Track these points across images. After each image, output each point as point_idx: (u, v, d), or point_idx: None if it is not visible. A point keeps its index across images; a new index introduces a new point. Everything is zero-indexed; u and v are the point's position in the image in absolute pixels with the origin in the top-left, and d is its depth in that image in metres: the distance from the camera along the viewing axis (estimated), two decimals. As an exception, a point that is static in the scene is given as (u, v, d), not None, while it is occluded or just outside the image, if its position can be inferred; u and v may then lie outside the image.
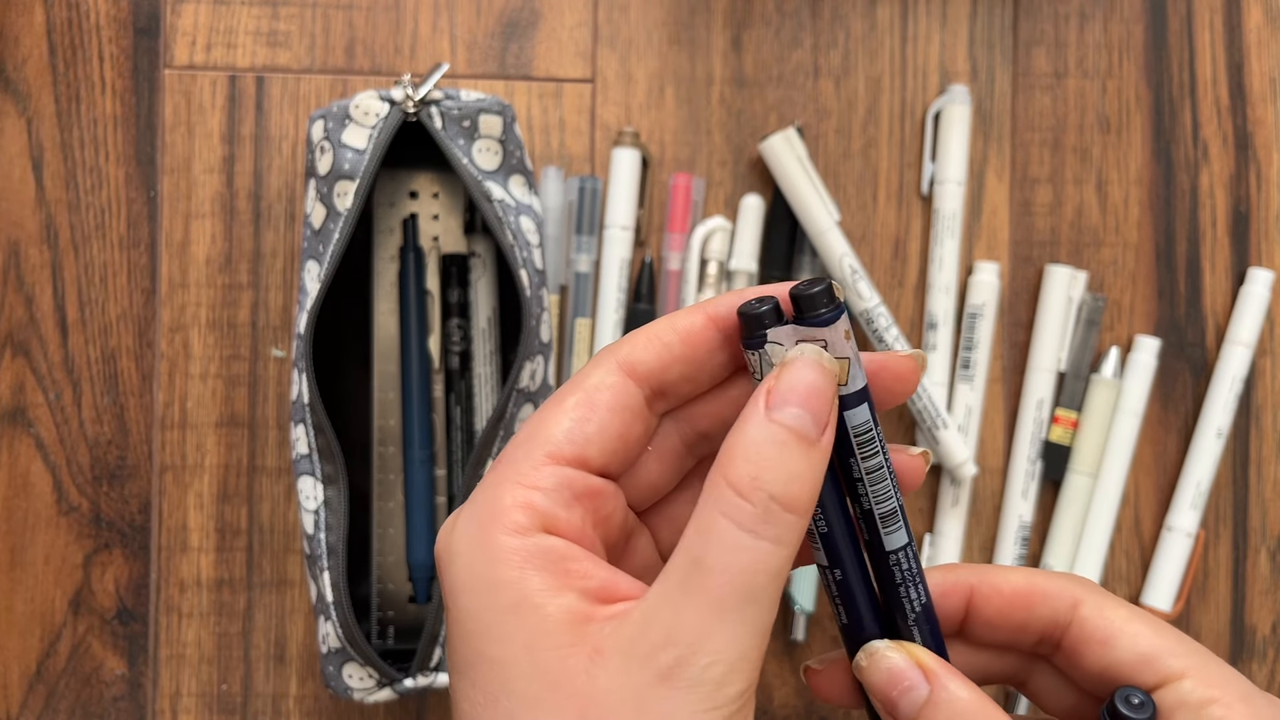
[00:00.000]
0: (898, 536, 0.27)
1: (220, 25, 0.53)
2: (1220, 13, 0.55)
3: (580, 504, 0.25)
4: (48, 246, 0.53)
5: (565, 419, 0.25)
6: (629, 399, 0.25)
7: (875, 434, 0.26)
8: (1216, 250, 0.55)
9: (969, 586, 0.29)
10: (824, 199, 0.52)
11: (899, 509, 0.27)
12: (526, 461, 0.25)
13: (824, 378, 0.24)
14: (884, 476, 0.26)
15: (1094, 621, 0.28)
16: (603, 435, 0.25)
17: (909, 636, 0.28)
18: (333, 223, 0.46)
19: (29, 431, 0.52)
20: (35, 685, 0.52)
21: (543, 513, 0.24)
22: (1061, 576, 0.29)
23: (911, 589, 0.28)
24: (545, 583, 0.23)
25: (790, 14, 0.54)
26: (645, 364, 0.26)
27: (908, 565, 0.27)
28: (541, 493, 0.24)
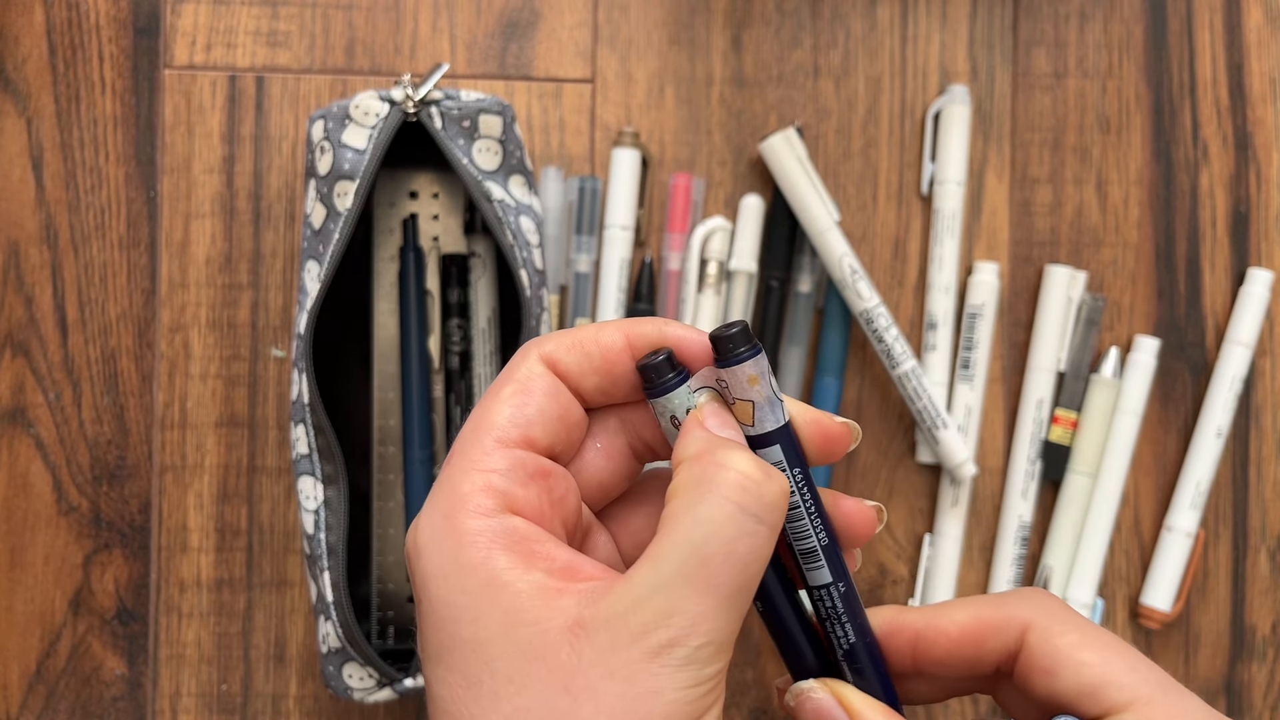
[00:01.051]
0: (820, 574, 0.28)
1: (220, 25, 0.53)
2: (1220, 13, 0.55)
3: (535, 483, 0.25)
4: (47, 246, 0.53)
5: (505, 406, 0.26)
6: (556, 388, 0.26)
7: (787, 474, 0.27)
8: (1216, 250, 0.55)
9: (914, 631, 0.29)
10: (824, 199, 0.52)
11: (820, 548, 0.27)
12: (477, 449, 0.25)
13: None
14: (801, 515, 0.27)
15: (1039, 649, 0.27)
16: (543, 417, 0.26)
17: (840, 673, 0.28)
18: (333, 223, 0.46)
19: (29, 431, 0.52)
20: (35, 685, 0.52)
21: (502, 492, 0.25)
22: (1014, 598, 0.28)
23: (837, 626, 0.28)
24: (513, 561, 0.24)
25: (790, 14, 0.54)
26: (565, 365, 0.27)
27: (830, 604, 0.28)
28: (498, 474, 0.25)
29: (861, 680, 0.28)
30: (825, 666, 0.29)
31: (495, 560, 0.24)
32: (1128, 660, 0.27)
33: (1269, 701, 0.55)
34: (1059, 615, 0.28)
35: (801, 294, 0.53)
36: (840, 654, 0.28)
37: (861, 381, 0.54)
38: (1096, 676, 0.27)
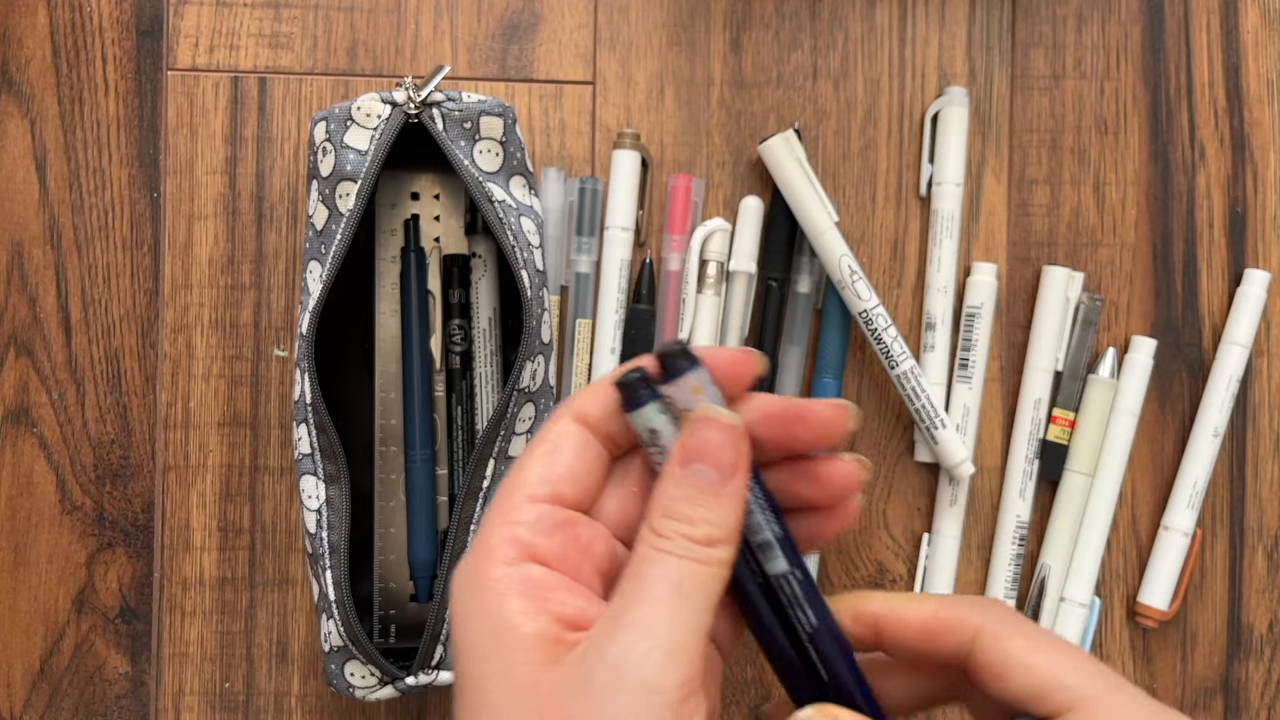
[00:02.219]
0: (777, 564, 0.29)
1: (223, 27, 0.53)
2: (1217, 14, 0.55)
3: (559, 532, 0.28)
4: (51, 247, 0.53)
5: (537, 465, 0.29)
6: (585, 441, 0.29)
7: None
8: (1213, 251, 0.55)
9: (874, 616, 0.30)
10: (823, 200, 0.52)
11: (775, 540, 0.29)
12: (508, 503, 0.28)
13: (722, 435, 0.28)
14: (754, 510, 0.29)
15: (989, 655, 0.28)
16: (571, 474, 0.29)
17: (807, 657, 0.29)
18: (335, 224, 0.46)
19: (32, 431, 0.53)
20: (39, 684, 0.53)
21: (526, 544, 0.27)
22: (967, 604, 0.29)
23: (799, 612, 0.29)
24: (524, 606, 0.26)
25: (789, 16, 0.55)
26: (593, 413, 0.29)
27: (791, 590, 0.29)
28: (524, 526, 0.28)
29: (829, 666, 0.29)
30: (800, 652, 0.30)
31: (508, 604, 0.26)
32: (1074, 662, 0.28)
33: (1266, 700, 0.55)
34: (1007, 621, 0.29)
35: (800, 294, 0.53)
36: (805, 637, 0.29)
37: (860, 381, 0.54)
38: (1043, 679, 0.28)
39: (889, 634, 0.30)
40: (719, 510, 0.27)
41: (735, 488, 0.28)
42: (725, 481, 0.28)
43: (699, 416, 0.28)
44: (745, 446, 0.28)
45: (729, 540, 0.27)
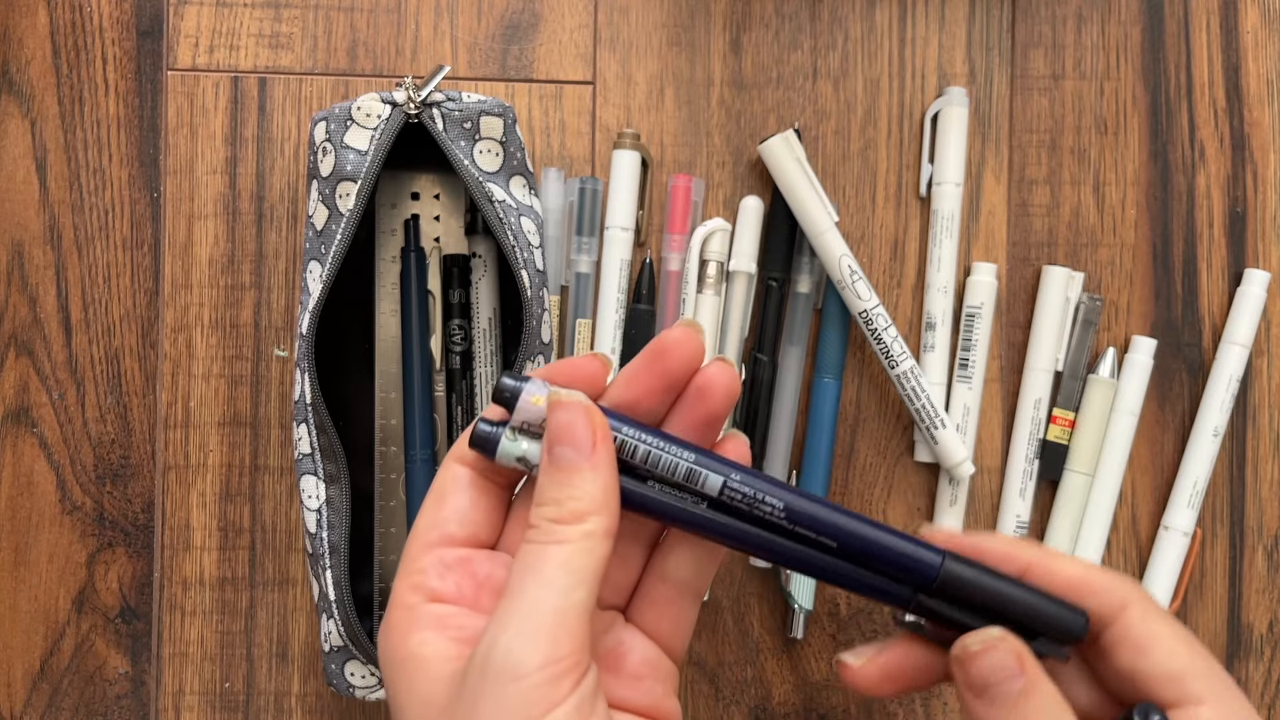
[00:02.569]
0: (711, 481, 0.30)
1: (223, 27, 0.53)
2: (1217, 15, 0.55)
3: (453, 572, 0.30)
4: (51, 247, 0.53)
5: (427, 514, 0.31)
6: (468, 480, 0.31)
7: (618, 436, 0.30)
8: (1213, 251, 0.55)
9: (1025, 563, 0.31)
10: (823, 200, 0.52)
11: (692, 464, 0.30)
12: (407, 555, 0.31)
13: (570, 413, 0.29)
14: (659, 456, 0.30)
15: (1137, 628, 0.29)
16: (458, 516, 0.31)
17: (807, 538, 0.30)
18: (335, 224, 0.46)
19: (33, 431, 0.53)
20: (39, 683, 0.53)
21: (425, 588, 0.30)
22: (1115, 576, 0.31)
23: (762, 506, 0.30)
24: (425, 637, 0.29)
25: (789, 16, 0.55)
26: (472, 453, 0.31)
27: (741, 493, 0.30)
28: (419, 574, 0.30)
29: (824, 530, 0.30)
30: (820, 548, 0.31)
31: (412, 638, 0.29)
32: (1208, 661, 0.30)
33: (1266, 699, 0.55)
34: (1156, 605, 0.30)
35: (800, 294, 0.54)
36: (782, 521, 0.30)
37: (860, 381, 0.54)
38: (1183, 666, 0.29)
39: (1034, 579, 0.31)
40: (583, 484, 0.29)
41: (598, 458, 0.29)
42: (586, 455, 0.29)
43: (549, 405, 0.30)
44: (598, 417, 0.29)
45: (599, 509, 0.29)
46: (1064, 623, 0.30)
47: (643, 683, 0.32)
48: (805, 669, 0.54)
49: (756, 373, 0.53)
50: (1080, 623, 0.30)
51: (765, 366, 0.53)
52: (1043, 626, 0.30)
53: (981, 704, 0.29)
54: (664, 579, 0.32)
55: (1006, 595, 0.30)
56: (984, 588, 0.30)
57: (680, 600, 0.32)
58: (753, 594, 0.54)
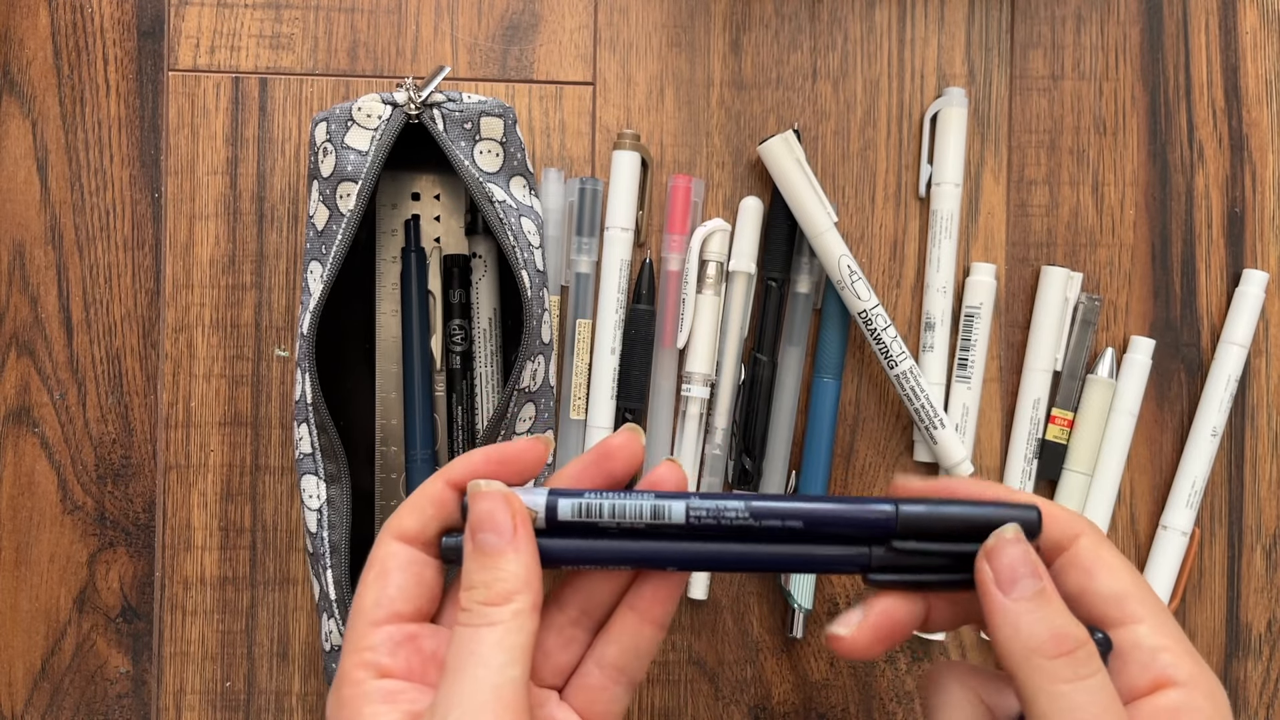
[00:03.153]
0: (676, 510, 0.32)
1: (224, 28, 0.53)
2: (1216, 15, 0.56)
3: (402, 649, 0.32)
4: (52, 247, 0.53)
5: (371, 591, 0.32)
6: (410, 557, 0.32)
7: None
8: (1212, 251, 0.55)
9: (994, 497, 0.33)
10: (822, 200, 0.52)
11: (656, 501, 0.32)
12: (354, 632, 0.32)
13: (490, 502, 0.31)
14: (624, 509, 0.32)
15: (1086, 554, 0.32)
16: (403, 593, 0.32)
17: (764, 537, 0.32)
18: (336, 224, 0.46)
19: (34, 431, 0.53)
20: (40, 683, 0.53)
21: (375, 665, 0.31)
22: (1068, 510, 0.33)
23: (727, 514, 0.32)
24: (377, 710, 0.30)
25: (789, 17, 0.55)
26: (411, 529, 0.33)
27: (706, 508, 0.32)
28: (369, 651, 0.31)
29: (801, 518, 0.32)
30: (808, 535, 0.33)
31: (364, 709, 0.30)
32: (1148, 588, 0.32)
33: (1265, 699, 0.55)
34: (1104, 537, 0.33)
35: (800, 294, 0.54)
36: (751, 521, 0.32)
37: (859, 381, 0.55)
38: (1125, 589, 0.31)
39: None
40: (507, 565, 0.31)
41: (519, 541, 0.31)
42: (508, 539, 0.31)
43: (469, 496, 0.32)
44: (516, 503, 0.31)
45: (524, 588, 0.31)
46: (1020, 521, 0.31)
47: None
48: (805, 668, 0.54)
49: (756, 373, 0.53)
50: (1033, 516, 0.31)
51: (765, 366, 0.53)
52: (1000, 524, 0.32)
53: (1009, 597, 0.31)
54: (601, 665, 0.34)
55: (963, 515, 0.31)
56: (940, 516, 0.31)
57: (614, 687, 0.34)
58: (753, 594, 0.54)
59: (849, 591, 0.55)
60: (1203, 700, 0.30)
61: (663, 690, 0.54)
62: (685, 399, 0.53)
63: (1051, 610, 0.30)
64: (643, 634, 0.34)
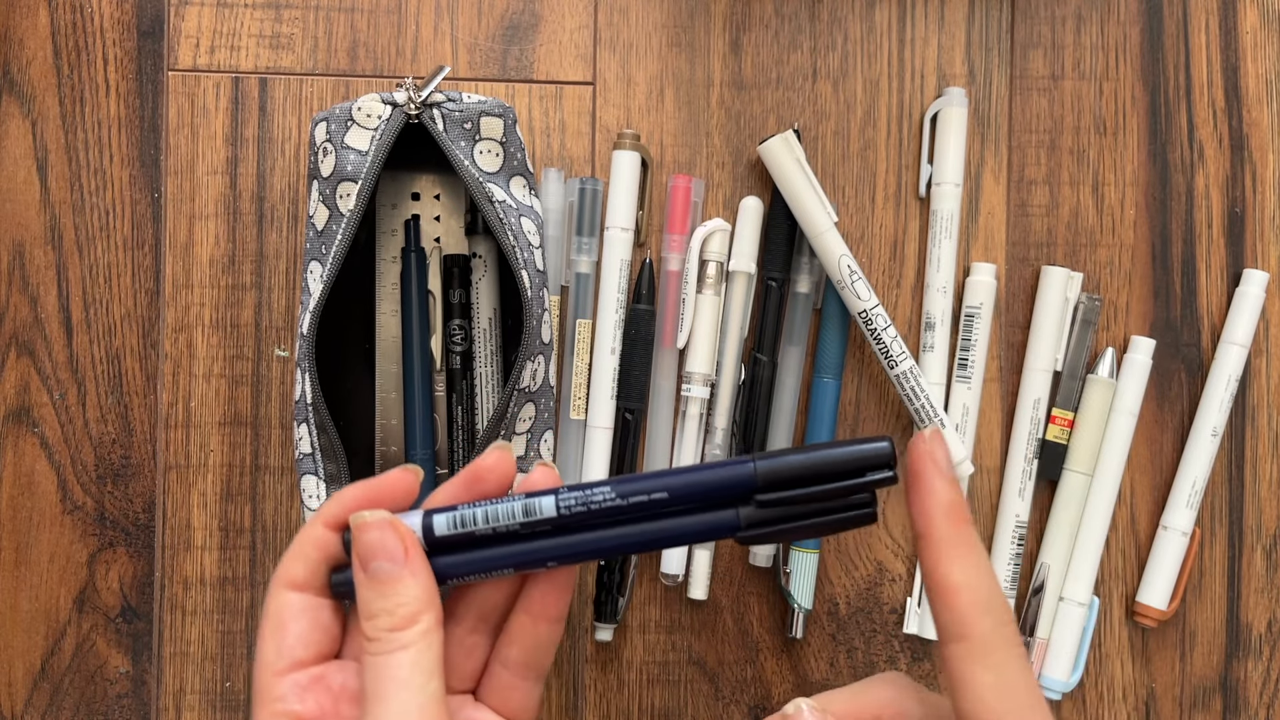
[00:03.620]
0: (546, 504, 0.32)
1: (223, 28, 0.53)
2: (1216, 15, 0.56)
3: (310, 693, 0.33)
4: (52, 247, 0.53)
5: (270, 643, 0.33)
6: (302, 603, 0.33)
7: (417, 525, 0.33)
8: (1212, 251, 0.55)
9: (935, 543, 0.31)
10: (822, 200, 0.52)
11: (526, 500, 0.33)
12: (260, 684, 0.33)
13: (378, 531, 0.32)
14: (496, 513, 0.33)
15: (954, 663, 0.30)
16: (301, 640, 0.33)
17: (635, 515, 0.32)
18: (335, 224, 0.46)
19: (34, 431, 0.53)
20: (40, 683, 0.53)
21: (286, 713, 0.32)
22: (977, 604, 0.31)
23: (594, 499, 0.32)
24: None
25: (789, 17, 0.55)
26: (300, 575, 0.34)
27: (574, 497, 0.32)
28: (280, 701, 0.32)
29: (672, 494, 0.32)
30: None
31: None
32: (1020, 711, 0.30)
33: (1265, 699, 0.55)
34: (992, 644, 0.30)
35: (800, 294, 0.54)
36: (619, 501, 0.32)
37: (859, 381, 0.55)
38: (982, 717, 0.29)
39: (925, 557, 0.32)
40: (407, 589, 0.31)
41: (414, 563, 0.32)
42: (402, 564, 0.32)
43: (354, 528, 0.32)
44: (403, 527, 0.32)
45: (427, 607, 0.31)
46: (874, 455, 0.31)
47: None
48: (805, 669, 0.54)
49: (756, 373, 0.53)
50: (886, 448, 0.31)
51: (765, 366, 0.53)
52: (861, 466, 0.31)
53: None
54: (506, 665, 0.35)
55: (819, 459, 0.32)
56: (798, 463, 0.32)
57: (522, 683, 0.35)
58: (752, 594, 0.54)
59: (849, 592, 0.55)
60: None
61: (663, 690, 0.54)
62: (685, 399, 0.53)
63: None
64: (539, 631, 0.34)
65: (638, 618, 0.54)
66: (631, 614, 0.54)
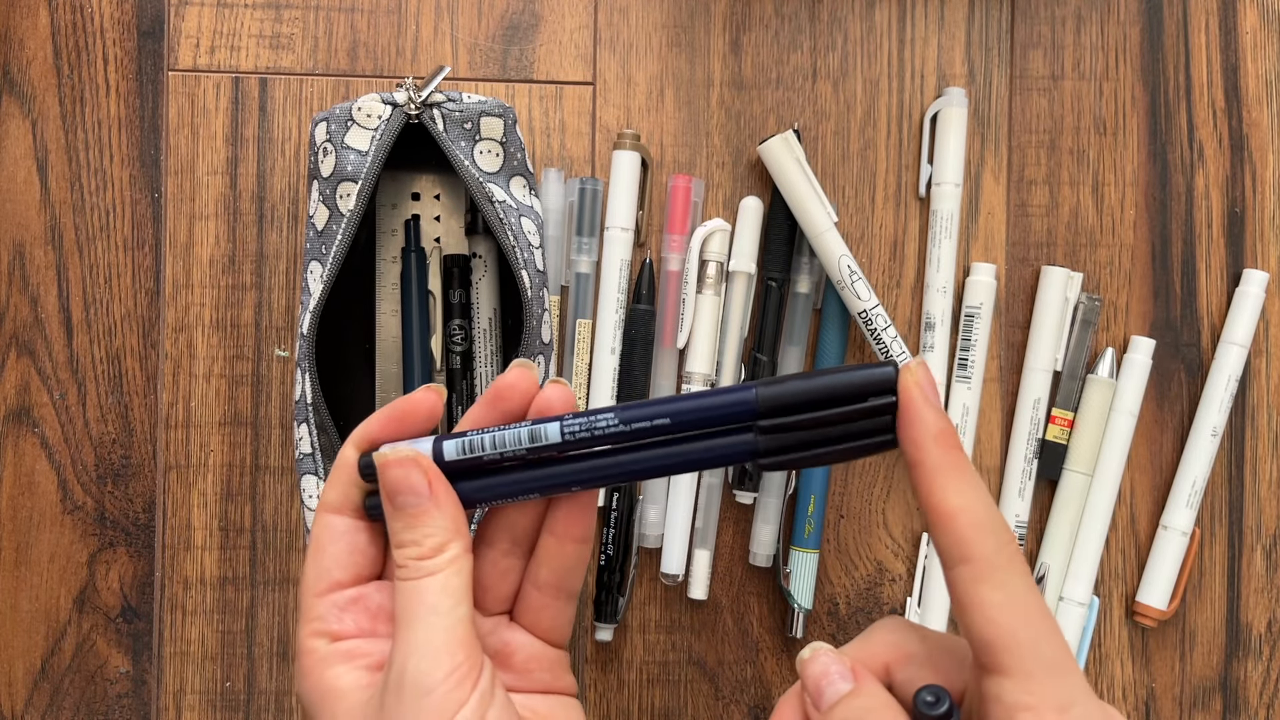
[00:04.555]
0: (551, 430, 0.33)
1: (224, 28, 0.53)
2: (1216, 15, 0.56)
3: (348, 612, 0.34)
4: (52, 248, 0.53)
5: (311, 566, 0.34)
6: (340, 526, 0.34)
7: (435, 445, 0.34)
8: (1212, 251, 0.55)
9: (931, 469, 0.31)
10: (822, 200, 0.52)
11: (531, 426, 0.33)
12: (302, 605, 0.34)
13: (401, 468, 0.33)
14: (502, 439, 0.33)
15: (960, 585, 0.29)
16: (338, 562, 0.34)
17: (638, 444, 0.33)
18: (336, 224, 0.46)
19: (34, 431, 0.53)
20: (40, 683, 0.53)
21: (325, 631, 0.33)
22: (981, 526, 0.30)
23: (598, 425, 0.32)
24: (338, 671, 0.33)
25: (789, 17, 0.55)
26: (335, 499, 0.34)
27: (579, 424, 0.33)
28: (318, 620, 0.33)
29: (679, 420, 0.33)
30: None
31: (326, 673, 0.33)
32: (1037, 631, 0.29)
33: (1264, 699, 0.55)
34: (1001, 564, 0.30)
35: (800, 294, 0.54)
36: (622, 427, 0.32)
37: (860, 381, 0.55)
38: (997, 636, 0.29)
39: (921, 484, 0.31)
40: (433, 521, 0.32)
41: (438, 495, 0.33)
42: (427, 497, 0.33)
43: (379, 466, 0.33)
44: (425, 461, 0.33)
45: (455, 535, 0.32)
46: (878, 380, 0.31)
47: (532, 674, 0.36)
48: (805, 668, 0.54)
49: (756, 373, 0.53)
50: (890, 373, 0.31)
51: (765, 366, 0.53)
52: (864, 391, 0.31)
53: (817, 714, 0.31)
54: (538, 585, 0.36)
55: (821, 384, 0.31)
56: (800, 389, 0.31)
57: (554, 602, 0.36)
58: (752, 594, 0.54)
59: (849, 592, 0.55)
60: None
61: (663, 690, 0.54)
62: (685, 399, 0.53)
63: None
64: (566, 552, 0.35)
65: (638, 618, 0.54)
66: (631, 614, 0.54)
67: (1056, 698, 0.28)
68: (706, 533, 0.54)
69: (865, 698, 0.30)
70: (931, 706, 0.29)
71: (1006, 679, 0.28)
